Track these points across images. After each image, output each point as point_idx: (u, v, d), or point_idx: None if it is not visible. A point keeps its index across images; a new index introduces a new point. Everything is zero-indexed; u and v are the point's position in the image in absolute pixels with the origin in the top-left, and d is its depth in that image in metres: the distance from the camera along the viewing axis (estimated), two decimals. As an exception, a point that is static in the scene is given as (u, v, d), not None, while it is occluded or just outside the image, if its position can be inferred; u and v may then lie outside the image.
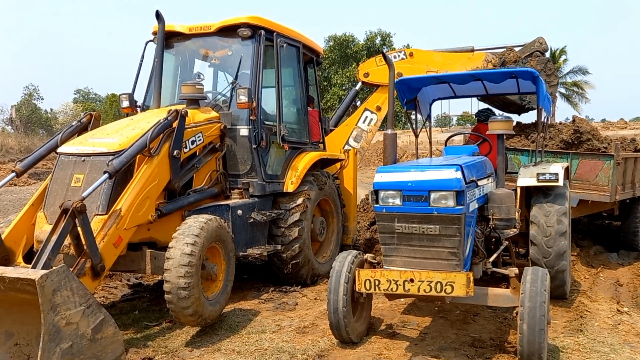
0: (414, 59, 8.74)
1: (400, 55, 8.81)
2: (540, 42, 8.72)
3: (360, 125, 8.89)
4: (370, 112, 8.92)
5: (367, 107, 8.98)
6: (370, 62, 9.24)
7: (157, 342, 4.99)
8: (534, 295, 4.07)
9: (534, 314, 4.01)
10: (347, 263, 4.71)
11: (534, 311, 4.02)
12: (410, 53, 8.83)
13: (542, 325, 4.00)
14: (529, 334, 3.99)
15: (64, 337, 3.42)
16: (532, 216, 5.84)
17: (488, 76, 6.07)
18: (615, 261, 8.15)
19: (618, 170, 7.24)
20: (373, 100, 9.05)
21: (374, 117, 8.94)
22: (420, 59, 8.71)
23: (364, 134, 8.91)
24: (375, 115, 8.93)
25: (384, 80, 8.62)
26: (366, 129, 8.92)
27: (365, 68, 9.23)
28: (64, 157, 5.28)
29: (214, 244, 5.19)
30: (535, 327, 3.99)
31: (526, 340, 4.01)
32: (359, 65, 9.41)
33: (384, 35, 46.90)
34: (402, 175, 4.31)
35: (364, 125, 8.91)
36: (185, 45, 7.04)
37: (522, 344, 4.03)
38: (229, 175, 6.44)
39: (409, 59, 8.77)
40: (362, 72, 9.17)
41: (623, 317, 5.61)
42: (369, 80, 9.13)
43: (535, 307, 4.03)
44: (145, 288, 6.93)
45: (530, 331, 3.99)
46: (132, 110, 6.72)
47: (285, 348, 4.78)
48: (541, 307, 4.03)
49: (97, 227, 4.71)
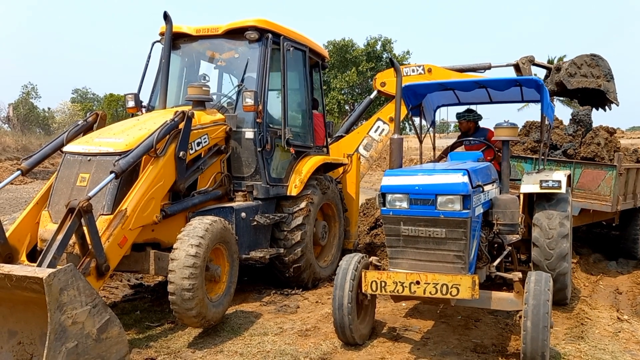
0: (432, 75, 8.75)
1: (419, 70, 8.83)
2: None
3: (372, 134, 8.91)
4: (383, 123, 8.93)
5: (381, 117, 8.99)
6: (388, 72, 9.25)
7: (159, 342, 4.99)
8: (538, 294, 4.14)
9: (538, 311, 4.06)
10: (353, 262, 4.79)
11: (537, 308, 4.07)
12: (428, 69, 8.84)
13: (546, 323, 4.04)
14: (533, 331, 4.04)
15: (70, 337, 3.41)
16: (535, 219, 5.89)
17: (492, 84, 6.10)
18: (614, 269, 8.18)
19: (620, 180, 7.28)
20: (387, 111, 9.03)
21: (386, 128, 8.94)
22: (438, 75, 8.71)
23: (374, 143, 8.94)
24: (387, 127, 8.93)
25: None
26: (377, 138, 8.95)
27: (382, 77, 9.25)
28: (70, 156, 5.28)
29: (218, 245, 5.20)
30: (539, 325, 4.03)
31: (530, 337, 4.05)
32: (375, 75, 9.41)
33: (384, 42, 47.02)
34: (409, 179, 4.34)
35: (375, 134, 8.93)
36: (192, 47, 7.05)
37: (526, 342, 4.06)
38: (233, 178, 6.45)
39: (427, 75, 8.78)
40: (379, 81, 9.19)
41: (623, 325, 5.63)
42: (385, 90, 9.15)
43: (539, 305, 4.08)
44: (147, 289, 6.92)
45: (534, 328, 4.04)
46: (137, 111, 6.72)
47: (287, 351, 4.78)
48: (545, 305, 4.08)
49: (102, 226, 4.71)
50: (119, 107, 54.20)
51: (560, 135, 8.68)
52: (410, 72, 8.76)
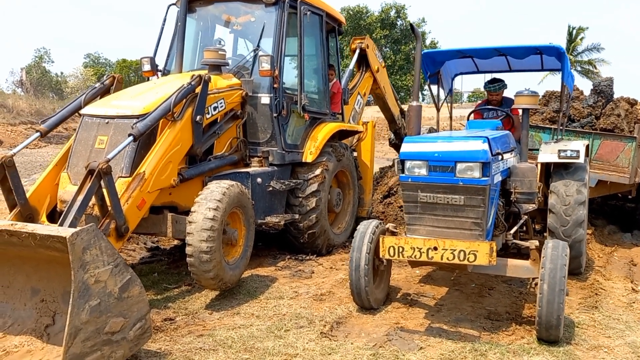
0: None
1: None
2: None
3: (355, 107, 8.91)
4: (360, 97, 8.98)
5: (359, 91, 8.99)
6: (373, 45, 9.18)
7: (177, 304, 5.07)
8: (555, 258, 4.16)
9: (555, 275, 4.08)
10: (371, 226, 4.84)
11: (554, 272, 4.09)
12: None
13: (562, 286, 4.07)
14: (549, 294, 4.06)
15: (93, 295, 3.47)
16: (552, 186, 5.87)
17: (512, 51, 6.00)
18: (629, 241, 8.14)
19: (639, 152, 7.19)
20: (362, 87, 9.05)
21: (362, 101, 9.06)
22: None
23: (357, 116, 8.96)
24: (362, 100, 9.05)
25: (374, 65, 8.98)
26: (358, 111, 9.00)
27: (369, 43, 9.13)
28: (88, 119, 5.30)
29: (235, 209, 5.23)
30: (555, 288, 4.06)
31: (546, 300, 4.07)
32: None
33: (398, 8, 46.34)
34: (429, 146, 4.31)
35: (357, 107, 8.97)
36: (208, 10, 6.98)
37: (542, 304, 4.09)
38: (249, 143, 6.44)
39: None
40: (365, 43, 9.01)
41: (638, 296, 5.63)
42: (367, 54, 9.02)
43: (556, 268, 4.10)
44: (163, 252, 7.01)
45: (550, 291, 4.06)
46: (153, 74, 6.71)
47: (303, 314, 4.85)
48: (562, 269, 4.11)
49: (121, 189, 4.75)
50: (130, 72, 53.99)
51: (577, 109, 8.57)
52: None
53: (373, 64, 9.08)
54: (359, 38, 9.02)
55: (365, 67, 9.18)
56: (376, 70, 9.23)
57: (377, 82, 9.26)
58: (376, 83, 9.25)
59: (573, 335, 4.49)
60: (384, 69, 9.65)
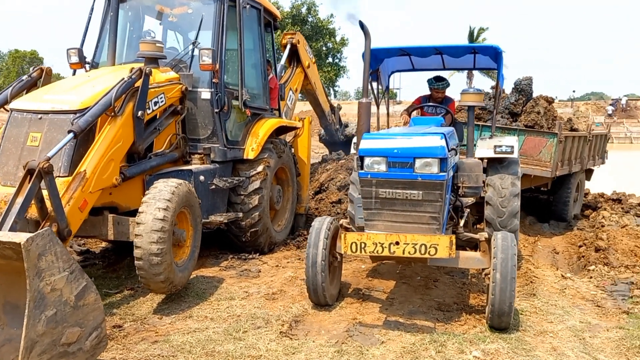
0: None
1: None
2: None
3: (288, 103, 8.92)
4: (292, 93, 9.02)
5: (291, 86, 9.01)
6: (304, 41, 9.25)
7: (122, 309, 4.81)
8: (506, 249, 4.34)
9: (506, 264, 4.26)
10: (326, 222, 4.84)
11: (505, 261, 4.27)
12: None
13: (513, 275, 4.26)
14: (502, 282, 4.23)
15: (49, 304, 3.20)
16: (489, 180, 6.11)
17: (450, 50, 6.18)
18: (548, 231, 8.71)
19: (560, 147, 7.69)
20: (293, 82, 9.12)
21: (293, 97, 9.12)
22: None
23: (289, 112, 8.97)
24: (294, 96, 9.13)
25: (305, 61, 9.08)
26: (291, 107, 9.02)
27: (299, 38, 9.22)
28: (17, 114, 4.88)
29: (183, 209, 5.03)
30: (507, 276, 4.23)
31: (498, 288, 4.23)
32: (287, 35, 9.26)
33: (309, 4, 46.63)
34: (388, 142, 4.35)
35: (290, 103, 8.98)
36: (140, 1, 6.64)
37: (495, 293, 4.25)
38: (189, 140, 6.21)
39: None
40: (296, 38, 9.10)
41: (567, 282, 6.02)
42: (298, 50, 9.08)
43: (507, 258, 4.28)
44: (95, 255, 6.61)
45: (503, 280, 4.23)
46: (81, 67, 6.28)
47: (258, 314, 4.75)
48: (512, 258, 4.29)
49: (61, 189, 4.40)
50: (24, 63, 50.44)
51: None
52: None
53: (304, 60, 9.08)
54: (290, 33, 8.99)
55: (297, 63, 9.16)
56: (307, 66, 9.23)
57: (308, 78, 9.28)
58: (307, 79, 9.26)
59: (519, 322, 4.71)
60: (314, 64, 9.67)
